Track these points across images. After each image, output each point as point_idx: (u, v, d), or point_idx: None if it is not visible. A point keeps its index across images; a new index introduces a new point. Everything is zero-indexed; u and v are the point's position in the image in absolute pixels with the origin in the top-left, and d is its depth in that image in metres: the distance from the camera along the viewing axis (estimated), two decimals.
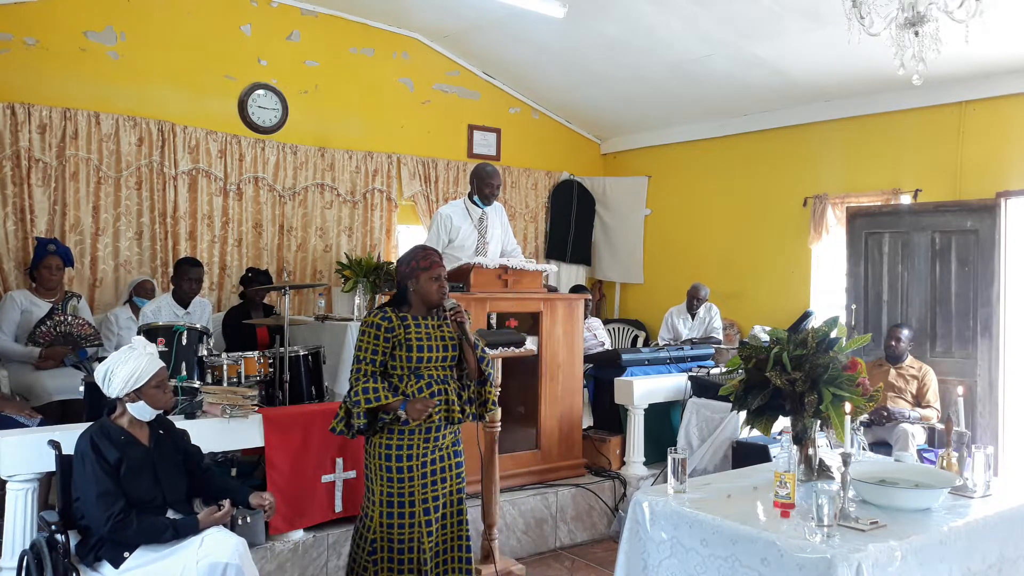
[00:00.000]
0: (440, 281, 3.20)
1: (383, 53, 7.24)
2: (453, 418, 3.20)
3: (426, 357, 3.15)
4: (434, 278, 3.19)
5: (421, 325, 3.19)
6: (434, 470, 3.17)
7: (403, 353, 3.13)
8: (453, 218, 5.21)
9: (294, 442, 3.81)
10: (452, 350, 3.22)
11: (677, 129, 8.08)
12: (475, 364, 3.24)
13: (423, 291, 3.19)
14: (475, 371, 3.26)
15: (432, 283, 3.18)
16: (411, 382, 3.13)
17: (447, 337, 3.21)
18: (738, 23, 5.84)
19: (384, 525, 3.10)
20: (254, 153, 6.54)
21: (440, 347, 3.19)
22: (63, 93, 5.71)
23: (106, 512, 2.78)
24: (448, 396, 3.18)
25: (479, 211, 5.25)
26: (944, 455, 3.18)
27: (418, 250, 3.30)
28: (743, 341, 3.63)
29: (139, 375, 2.93)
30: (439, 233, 5.22)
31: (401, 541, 3.10)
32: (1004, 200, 5.73)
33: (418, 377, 3.14)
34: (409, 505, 3.11)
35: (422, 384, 3.13)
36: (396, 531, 3.10)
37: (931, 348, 5.88)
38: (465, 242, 5.20)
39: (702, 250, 7.91)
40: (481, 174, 5.21)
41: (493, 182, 5.18)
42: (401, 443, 3.11)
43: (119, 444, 2.91)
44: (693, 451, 5.03)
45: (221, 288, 6.41)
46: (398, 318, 3.16)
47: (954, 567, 2.59)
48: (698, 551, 2.67)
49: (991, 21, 4.46)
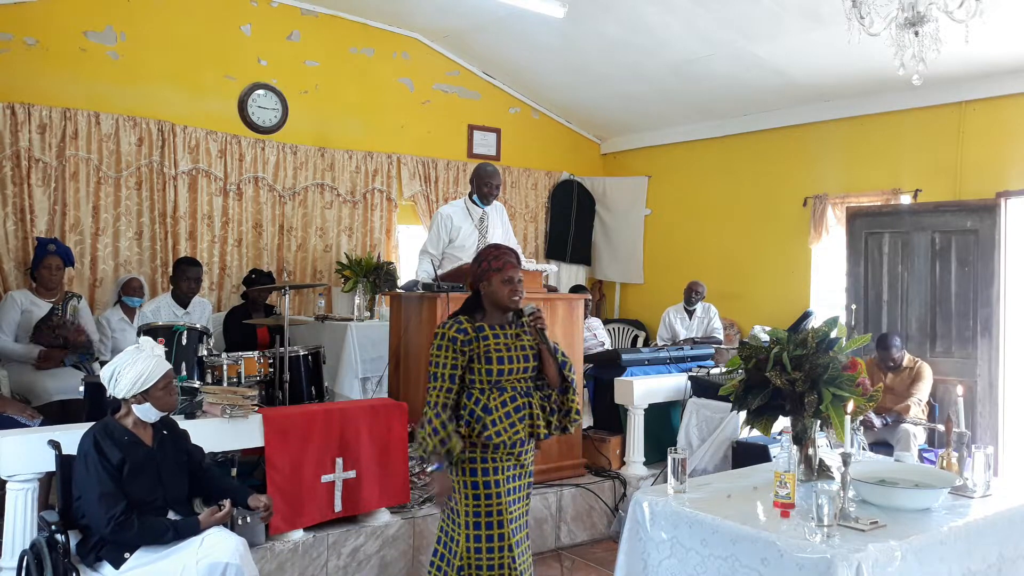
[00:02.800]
0: (514, 284, 2.95)
1: (383, 53, 7.25)
2: (539, 433, 2.99)
3: (507, 369, 2.92)
4: (507, 280, 2.94)
5: (499, 334, 2.96)
6: (520, 486, 2.99)
7: (482, 366, 2.90)
8: (454, 218, 5.20)
9: (294, 442, 3.81)
10: (533, 360, 3.00)
11: (677, 129, 8.08)
12: (556, 372, 3.01)
13: (496, 294, 2.95)
14: (556, 380, 3.02)
15: (505, 286, 2.94)
16: (493, 396, 2.91)
17: (527, 346, 2.99)
18: (738, 23, 5.84)
19: (472, 550, 2.89)
20: (254, 153, 6.54)
21: (520, 357, 2.96)
22: (63, 93, 5.71)
23: (108, 513, 2.77)
24: (532, 410, 2.97)
25: (479, 211, 5.25)
26: (944, 455, 3.18)
27: (490, 249, 3.07)
28: (743, 341, 3.63)
29: (147, 377, 2.92)
30: (439, 233, 5.21)
31: (491, 567, 2.89)
32: (1004, 200, 5.73)
33: (500, 391, 2.92)
34: (498, 527, 2.89)
35: (505, 397, 2.92)
36: (485, 556, 2.89)
37: (931, 348, 5.88)
38: (466, 242, 5.20)
39: (702, 250, 7.91)
40: (481, 174, 5.21)
41: (493, 181, 5.18)
42: (486, 458, 2.91)
43: (122, 445, 2.90)
44: (693, 451, 5.03)
45: (221, 288, 6.41)
46: (474, 328, 2.92)
47: (954, 567, 2.59)
48: (698, 551, 2.67)
49: (991, 21, 4.46)
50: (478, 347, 2.90)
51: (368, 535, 4.04)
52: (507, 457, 2.94)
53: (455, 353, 2.88)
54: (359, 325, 5.71)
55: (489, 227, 5.29)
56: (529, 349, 2.99)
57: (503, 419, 2.89)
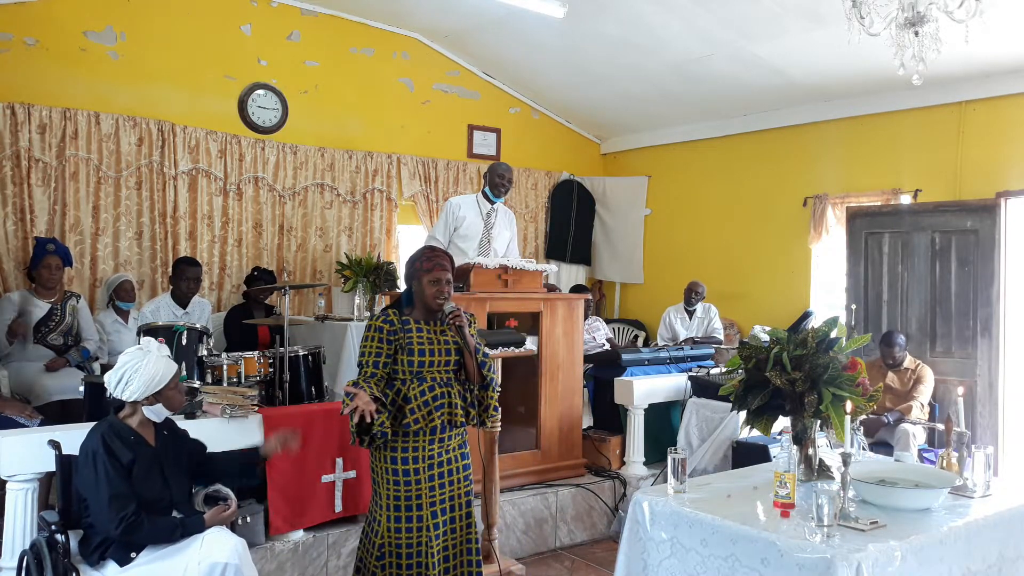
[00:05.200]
0: (440, 285, 3.14)
1: (383, 53, 7.24)
2: (456, 421, 3.17)
3: (427, 361, 3.13)
4: (433, 281, 3.14)
5: (423, 328, 3.16)
6: (441, 472, 3.14)
7: (404, 357, 3.12)
8: (462, 207, 5.41)
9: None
10: (454, 355, 3.20)
11: (677, 129, 8.08)
12: (474, 369, 3.21)
13: (423, 293, 3.16)
14: (475, 376, 3.23)
15: (431, 286, 3.14)
16: (414, 385, 3.10)
17: (449, 341, 3.19)
18: (738, 23, 5.84)
19: (392, 529, 3.07)
20: (254, 153, 6.54)
21: (441, 351, 3.17)
22: (63, 93, 5.71)
23: (119, 514, 2.76)
24: (451, 399, 3.16)
25: (489, 206, 5.42)
26: (944, 455, 3.18)
27: (425, 250, 3.27)
28: (743, 341, 3.63)
29: (160, 379, 2.92)
30: (446, 221, 5.41)
31: (409, 545, 3.06)
32: (1004, 200, 5.73)
33: (420, 380, 3.12)
34: (416, 509, 3.08)
35: (424, 387, 3.11)
36: (404, 535, 3.07)
37: (931, 348, 5.88)
38: (470, 231, 5.36)
39: (702, 250, 7.91)
40: (494, 167, 5.47)
41: (506, 175, 5.43)
42: (407, 446, 3.09)
43: (131, 445, 2.89)
44: (693, 451, 5.03)
45: (221, 288, 6.41)
46: (400, 320, 3.14)
47: (954, 567, 2.59)
48: (698, 551, 2.67)
49: (991, 21, 4.46)
50: (402, 338, 3.12)
51: None
52: (427, 444, 3.12)
53: (379, 342, 3.10)
54: (359, 325, 5.70)
55: (496, 224, 5.43)
56: (452, 344, 3.19)
57: (421, 407, 3.09)
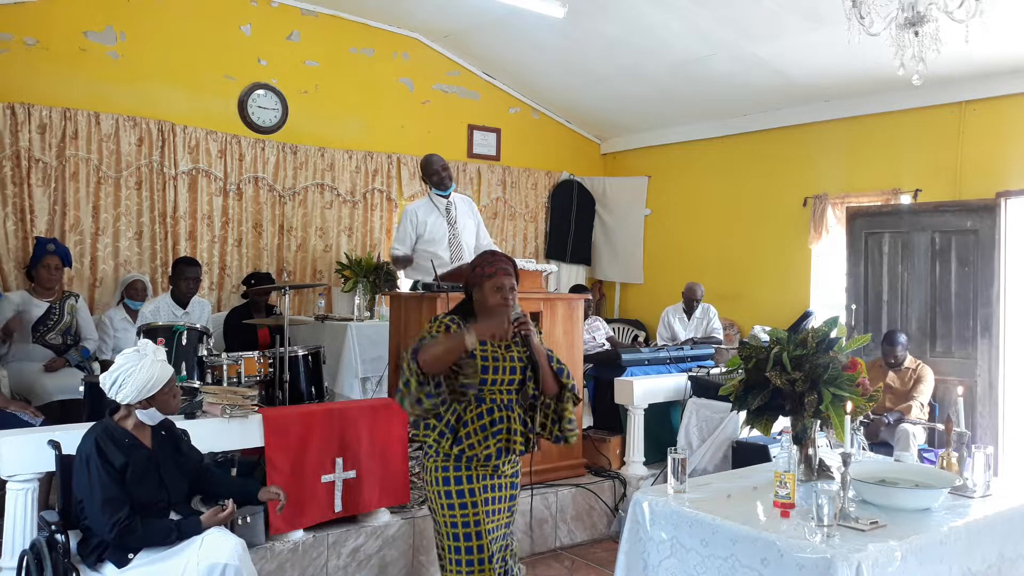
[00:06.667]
0: (504, 292, 2.86)
1: (383, 53, 7.25)
2: (514, 448, 2.90)
3: (491, 379, 2.84)
4: (497, 287, 2.86)
5: (487, 344, 2.86)
6: (498, 497, 2.93)
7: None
8: (419, 212, 5.32)
9: (294, 442, 3.81)
10: (519, 373, 2.90)
11: (677, 129, 8.08)
12: (551, 378, 2.91)
13: (484, 301, 2.88)
14: (552, 386, 2.93)
15: (495, 293, 2.86)
16: (471, 407, 2.84)
17: (515, 359, 2.90)
18: (738, 23, 5.84)
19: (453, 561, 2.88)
20: (254, 153, 6.54)
21: (506, 369, 2.87)
22: (63, 93, 5.71)
23: (111, 518, 2.76)
24: (510, 424, 2.87)
25: (444, 200, 5.34)
26: (944, 455, 3.18)
27: (486, 255, 3.00)
28: (743, 341, 3.63)
29: (154, 383, 2.90)
30: (407, 230, 5.33)
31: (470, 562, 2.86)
32: (1004, 200, 5.73)
33: (479, 402, 2.84)
34: (476, 537, 2.85)
35: (483, 410, 2.84)
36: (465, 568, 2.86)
37: (931, 348, 5.88)
38: (435, 234, 5.29)
39: (702, 250, 7.91)
40: (425, 165, 5.39)
41: (437, 165, 5.31)
42: (459, 467, 2.87)
43: (124, 447, 2.89)
44: (693, 451, 5.03)
45: (221, 288, 6.41)
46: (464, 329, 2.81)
47: (954, 567, 2.59)
48: (698, 551, 2.67)
49: (991, 21, 4.46)
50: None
51: (368, 535, 4.04)
52: (482, 468, 2.89)
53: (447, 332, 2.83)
54: (359, 325, 5.71)
55: (458, 216, 5.37)
56: (517, 362, 2.91)
57: (476, 432, 2.84)
